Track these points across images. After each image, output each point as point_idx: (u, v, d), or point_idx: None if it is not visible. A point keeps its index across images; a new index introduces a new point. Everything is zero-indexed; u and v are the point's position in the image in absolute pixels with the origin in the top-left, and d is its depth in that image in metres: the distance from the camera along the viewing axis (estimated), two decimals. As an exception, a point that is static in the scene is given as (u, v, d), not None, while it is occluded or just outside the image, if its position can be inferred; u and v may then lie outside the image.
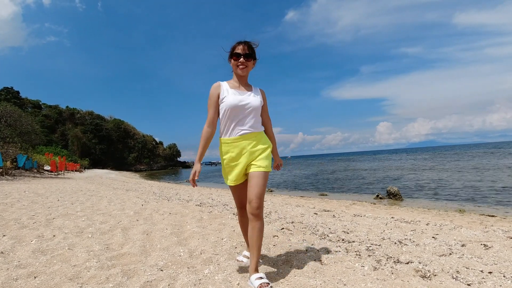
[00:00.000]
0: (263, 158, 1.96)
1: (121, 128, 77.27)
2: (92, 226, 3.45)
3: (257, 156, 1.96)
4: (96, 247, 2.59)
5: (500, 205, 7.00)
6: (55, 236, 2.97)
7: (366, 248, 2.58)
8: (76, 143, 61.94)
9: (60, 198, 6.30)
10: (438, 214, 5.68)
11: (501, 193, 8.52)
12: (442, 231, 3.27)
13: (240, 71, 1.97)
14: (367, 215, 4.63)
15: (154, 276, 1.95)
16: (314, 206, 6.10)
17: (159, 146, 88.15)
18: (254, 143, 1.96)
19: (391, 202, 8.09)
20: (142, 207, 5.09)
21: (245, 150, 1.94)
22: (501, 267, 2.08)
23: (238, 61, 1.96)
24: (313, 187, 13.49)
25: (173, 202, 5.99)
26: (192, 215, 4.24)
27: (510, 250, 2.47)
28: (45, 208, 4.84)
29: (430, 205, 7.34)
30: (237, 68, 1.98)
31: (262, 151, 1.98)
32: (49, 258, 2.28)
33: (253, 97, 1.99)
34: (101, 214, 4.26)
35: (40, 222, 3.60)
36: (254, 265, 1.84)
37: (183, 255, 2.39)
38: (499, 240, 2.85)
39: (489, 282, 1.83)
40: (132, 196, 7.28)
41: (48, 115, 64.45)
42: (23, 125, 22.95)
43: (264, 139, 2.04)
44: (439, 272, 2.01)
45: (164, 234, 3.08)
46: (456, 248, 2.56)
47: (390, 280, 1.86)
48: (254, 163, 1.94)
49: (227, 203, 5.80)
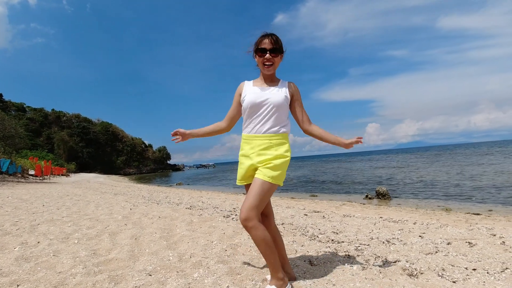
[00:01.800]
0: (271, 167, 1.69)
1: (109, 131, 75.95)
2: (78, 231, 3.38)
3: (266, 161, 1.72)
4: (82, 253, 2.53)
5: (484, 203, 7.21)
6: (39, 242, 2.89)
7: (355, 248, 2.61)
8: (62, 146, 60.45)
9: (45, 204, 6.14)
10: (425, 213, 5.80)
11: (485, 192, 8.78)
12: (429, 230, 3.34)
13: (266, 69, 1.77)
14: (356, 215, 4.69)
15: (143, 281, 1.92)
16: (305, 207, 6.14)
17: (149, 149, 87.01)
18: (267, 146, 1.73)
19: (380, 202, 8.22)
20: (130, 211, 5.01)
21: (253, 151, 1.75)
22: (484, 263, 2.14)
23: (263, 58, 1.75)
24: (303, 188, 13.58)
25: (162, 205, 5.91)
26: (182, 218, 4.20)
27: (493, 247, 2.55)
28: (30, 214, 4.70)
29: (418, 204, 7.49)
30: (263, 66, 1.77)
31: (274, 158, 1.72)
32: (33, 265, 2.22)
33: (275, 92, 1.76)
34: (88, 219, 4.16)
35: (24, 229, 3.50)
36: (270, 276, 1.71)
37: (172, 259, 2.36)
38: (483, 237, 2.93)
39: (473, 278, 1.88)
40: (121, 200, 7.16)
41: (33, 118, 62.80)
42: (6, 128, 22.24)
43: (283, 146, 1.75)
44: (426, 270, 2.05)
45: (153, 238, 3.04)
46: (442, 246, 2.62)
47: (378, 279, 1.88)
48: (261, 169, 1.71)
49: (218, 206, 5.77)
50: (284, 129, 1.78)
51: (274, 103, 1.73)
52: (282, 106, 1.75)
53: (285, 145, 1.76)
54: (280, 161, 1.72)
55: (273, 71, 1.81)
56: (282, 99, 1.75)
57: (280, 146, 1.75)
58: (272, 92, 1.77)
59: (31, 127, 56.69)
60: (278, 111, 1.74)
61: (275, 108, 1.73)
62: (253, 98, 1.75)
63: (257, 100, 1.74)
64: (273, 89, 1.79)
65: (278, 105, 1.73)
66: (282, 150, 1.74)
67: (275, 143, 1.74)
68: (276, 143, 1.74)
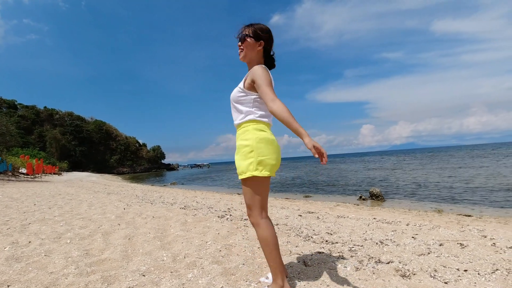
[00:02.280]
0: (237, 164, 1.65)
1: (103, 130, 75.18)
2: (71, 231, 3.33)
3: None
4: (75, 253, 2.50)
5: (476, 205, 7.32)
6: (30, 242, 2.85)
7: (349, 249, 2.63)
8: (55, 145, 59.61)
9: (36, 203, 6.05)
10: (418, 214, 5.86)
11: (477, 193, 8.91)
12: (422, 231, 3.37)
13: (240, 57, 1.75)
14: (350, 216, 4.72)
15: (136, 282, 1.90)
16: (299, 208, 6.15)
17: (143, 148, 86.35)
18: (237, 139, 1.72)
19: (374, 203, 8.28)
20: (124, 211, 4.97)
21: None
22: (476, 265, 2.18)
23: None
24: (298, 188, 13.61)
25: (156, 205, 5.87)
26: (176, 218, 4.18)
27: (484, 249, 2.59)
28: (20, 213, 4.63)
29: (411, 205, 7.57)
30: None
31: (237, 153, 1.68)
32: (24, 265, 2.18)
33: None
34: (80, 219, 4.12)
35: (15, 228, 3.44)
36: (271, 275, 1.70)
37: (166, 259, 2.35)
38: (474, 239, 2.97)
39: (464, 279, 1.91)
40: (114, 199, 7.09)
41: (25, 115, 61.86)
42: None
43: (244, 135, 1.65)
44: (418, 271, 2.07)
45: (147, 238, 3.01)
46: (434, 248, 2.65)
47: (371, 280, 1.90)
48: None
49: (212, 206, 5.75)
50: (242, 117, 1.67)
51: (231, 96, 1.71)
52: (235, 98, 1.68)
53: (247, 132, 1.63)
54: (241, 151, 1.62)
55: (246, 59, 1.73)
56: (235, 91, 1.69)
57: (241, 135, 1.66)
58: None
59: (22, 125, 55.87)
60: (236, 103, 1.69)
61: (232, 100, 1.70)
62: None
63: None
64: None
65: (234, 98, 1.69)
66: (241, 139, 1.65)
67: (239, 134, 1.69)
68: (239, 134, 1.69)
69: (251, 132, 1.62)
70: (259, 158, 1.56)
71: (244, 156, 1.61)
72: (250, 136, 1.61)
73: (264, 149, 1.58)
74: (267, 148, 1.59)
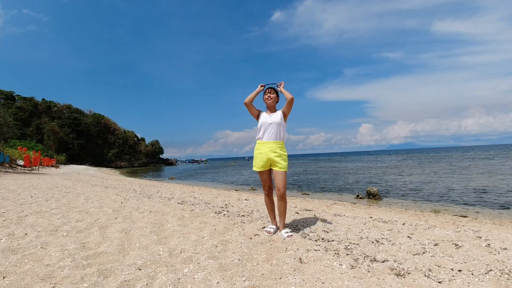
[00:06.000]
0: (277, 159, 3.01)
1: (101, 123, 74.78)
2: (67, 224, 3.33)
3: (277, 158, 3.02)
4: (71, 246, 2.51)
5: (472, 205, 7.36)
6: (27, 234, 2.84)
7: (345, 247, 2.64)
8: (53, 137, 59.30)
9: (33, 195, 6.04)
10: (414, 214, 5.89)
11: (473, 194, 8.96)
12: (417, 231, 3.39)
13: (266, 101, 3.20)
14: (347, 214, 4.74)
15: (132, 276, 1.91)
16: (296, 205, 6.17)
17: (141, 142, 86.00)
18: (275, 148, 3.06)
19: (371, 202, 8.31)
20: (121, 205, 4.97)
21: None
22: (470, 265, 2.19)
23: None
24: (295, 186, 13.64)
25: (154, 200, 5.88)
26: (173, 213, 4.18)
27: (478, 249, 2.61)
28: (17, 205, 4.62)
29: (407, 205, 7.61)
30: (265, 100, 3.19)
31: (279, 154, 3.03)
32: (20, 257, 2.19)
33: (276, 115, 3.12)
34: (77, 212, 4.11)
35: (11, 220, 3.44)
36: (283, 224, 3.10)
37: (162, 254, 2.36)
38: (469, 239, 2.99)
39: (458, 279, 1.93)
40: (111, 193, 7.08)
41: (22, 107, 61.41)
42: (-5, 117, 21.73)
43: (283, 148, 3.10)
44: (413, 270, 2.09)
45: (144, 232, 3.02)
46: (429, 247, 2.67)
47: (366, 278, 1.91)
48: (277, 164, 2.99)
49: (209, 202, 5.76)
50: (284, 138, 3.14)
51: (276, 120, 3.07)
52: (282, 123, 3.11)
53: (283, 147, 3.11)
54: (284, 157, 3.04)
55: (273, 104, 3.15)
56: (280, 118, 3.08)
57: (282, 148, 3.10)
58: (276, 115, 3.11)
59: (20, 117, 55.51)
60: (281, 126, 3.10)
61: (277, 124, 3.06)
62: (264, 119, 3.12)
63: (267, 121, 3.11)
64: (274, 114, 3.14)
65: (279, 122, 3.06)
66: (283, 150, 3.08)
67: (279, 146, 3.07)
68: (280, 146, 3.07)
69: (284, 148, 3.11)
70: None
71: (285, 159, 3.03)
72: (285, 150, 3.10)
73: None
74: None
